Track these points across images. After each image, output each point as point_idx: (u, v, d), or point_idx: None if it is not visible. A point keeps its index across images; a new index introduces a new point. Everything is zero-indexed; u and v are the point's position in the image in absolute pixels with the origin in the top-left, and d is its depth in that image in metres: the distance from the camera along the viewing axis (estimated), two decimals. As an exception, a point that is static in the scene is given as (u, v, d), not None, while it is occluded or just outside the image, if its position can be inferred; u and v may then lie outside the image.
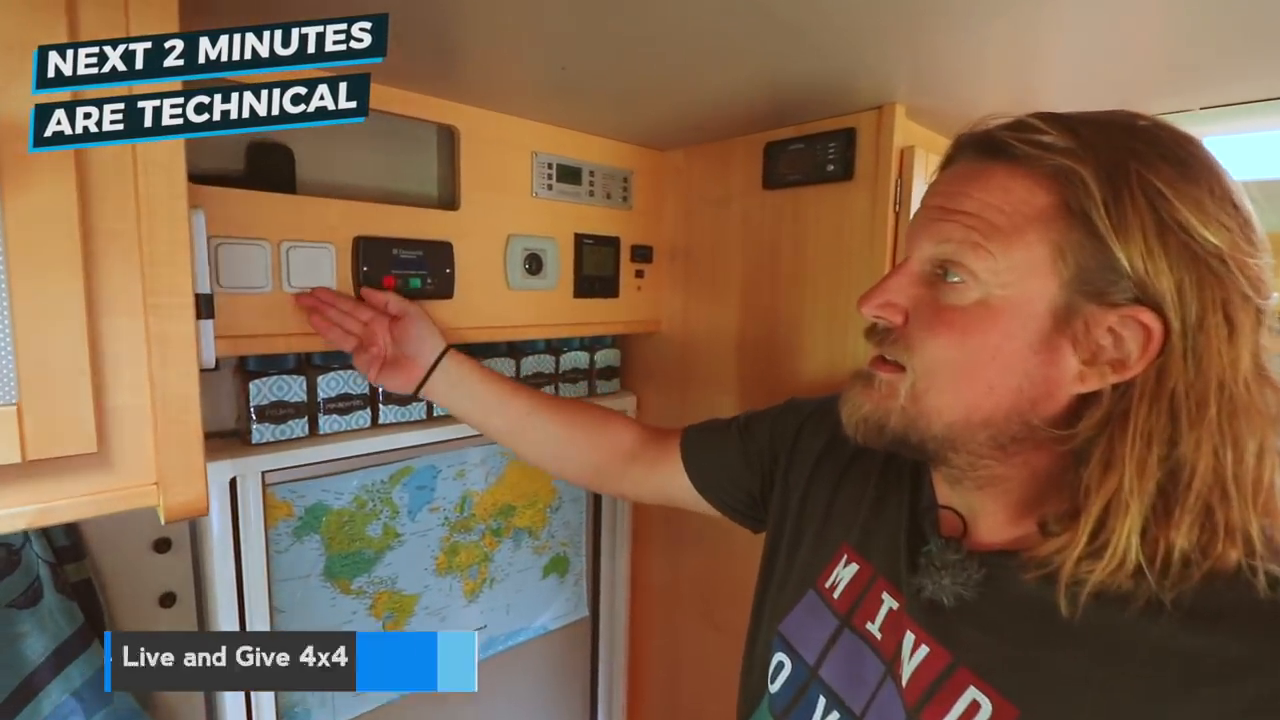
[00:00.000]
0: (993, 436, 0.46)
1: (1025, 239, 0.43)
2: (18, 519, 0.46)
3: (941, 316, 0.46)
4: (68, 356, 0.46)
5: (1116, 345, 0.42)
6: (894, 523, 0.56)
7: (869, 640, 0.53)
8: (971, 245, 0.44)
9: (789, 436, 0.70)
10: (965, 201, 0.45)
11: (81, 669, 0.70)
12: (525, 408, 0.78)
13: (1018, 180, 0.44)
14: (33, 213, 0.44)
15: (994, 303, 0.44)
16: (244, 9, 0.59)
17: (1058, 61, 0.70)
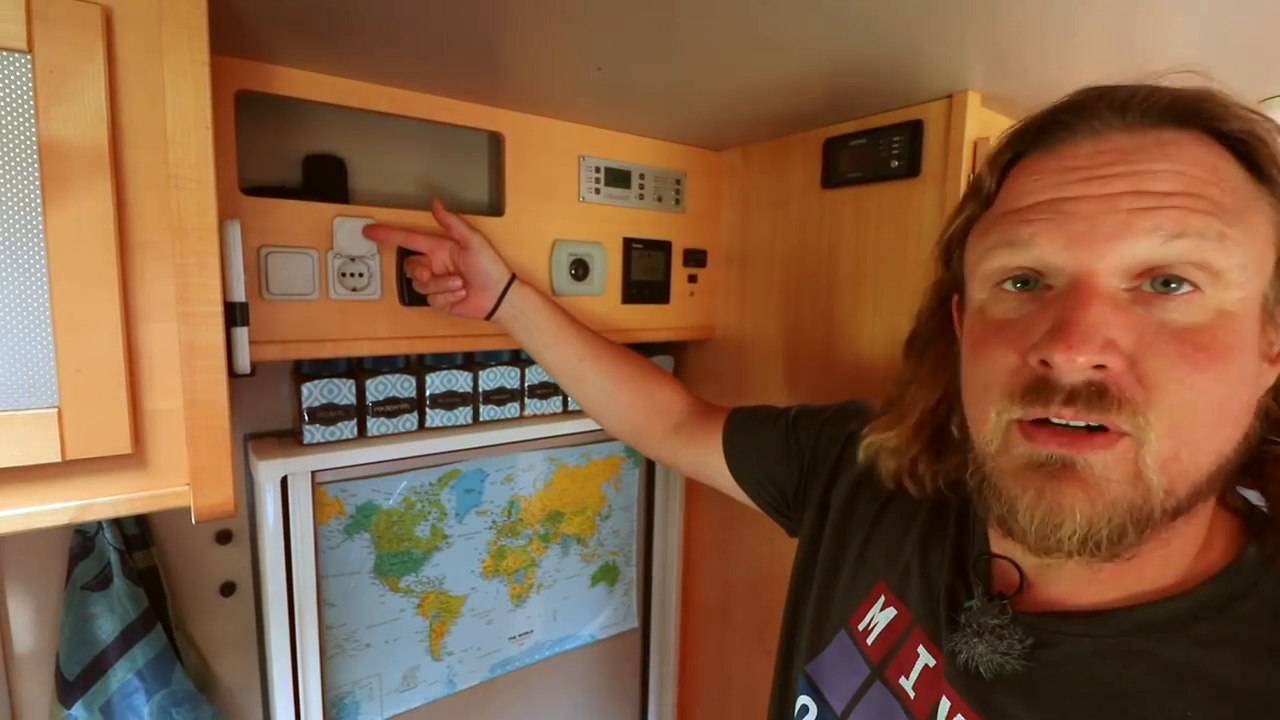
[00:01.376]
0: (1218, 481, 0.36)
1: (1254, 222, 0.33)
2: (60, 514, 0.49)
3: (1191, 341, 0.33)
4: (105, 362, 0.48)
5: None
6: (937, 566, 0.48)
7: (901, 698, 0.47)
8: (1217, 237, 0.32)
9: (837, 444, 0.62)
10: (1161, 179, 0.33)
11: (144, 651, 0.75)
12: (577, 352, 0.78)
13: (1213, 152, 0.34)
14: (73, 225, 0.46)
15: (1233, 310, 0.33)
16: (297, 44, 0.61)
17: (1177, 26, 0.60)
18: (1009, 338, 0.37)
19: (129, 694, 0.74)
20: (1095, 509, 0.34)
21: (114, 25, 0.47)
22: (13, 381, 0.46)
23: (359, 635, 0.93)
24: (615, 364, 0.79)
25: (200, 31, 0.50)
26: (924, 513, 0.52)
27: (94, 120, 0.47)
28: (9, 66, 0.44)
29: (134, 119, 0.49)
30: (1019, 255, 0.37)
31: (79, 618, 0.73)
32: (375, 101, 0.77)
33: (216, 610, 0.85)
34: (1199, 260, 0.32)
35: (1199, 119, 0.35)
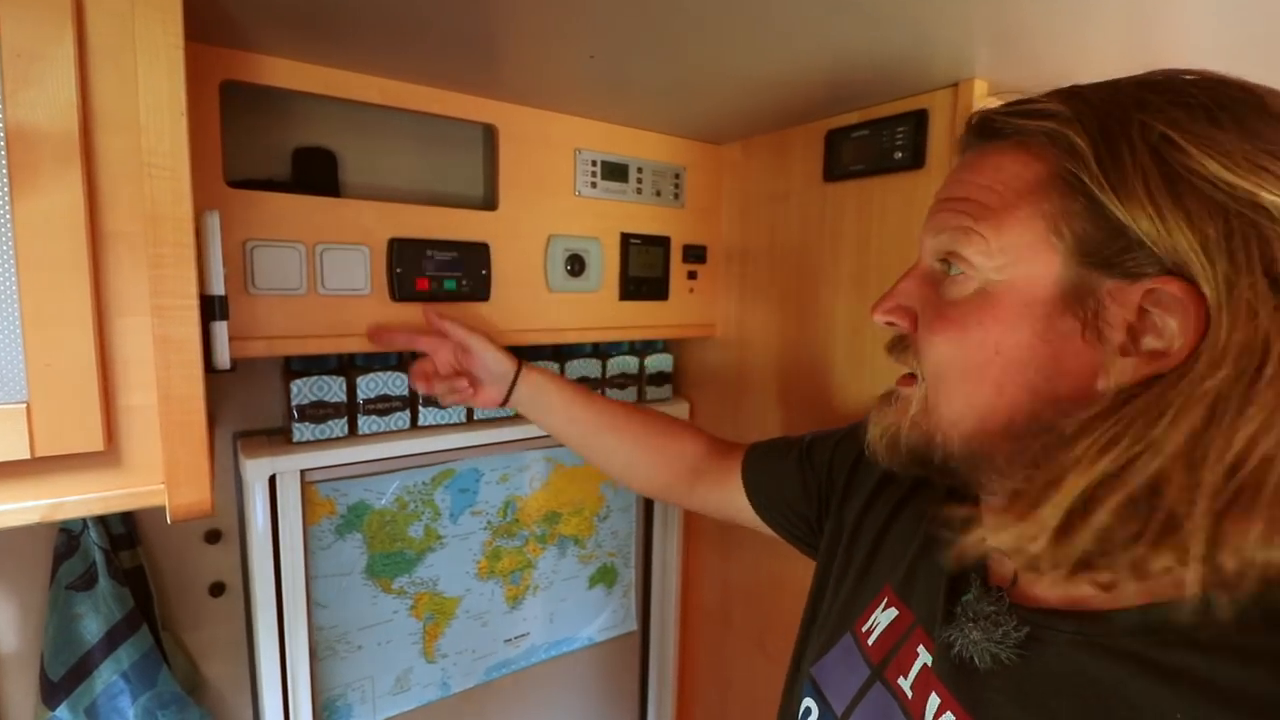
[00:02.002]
0: (1018, 449, 0.38)
1: (1017, 215, 0.38)
2: (30, 513, 0.48)
3: (941, 313, 0.42)
4: (75, 356, 0.47)
5: (1152, 327, 0.34)
6: (936, 569, 0.48)
7: (900, 698, 0.46)
8: (963, 230, 0.40)
9: (848, 463, 0.64)
10: (961, 188, 0.42)
11: (130, 652, 0.74)
12: (595, 425, 0.79)
13: (1009, 157, 0.40)
14: (41, 215, 0.45)
15: (993, 290, 0.39)
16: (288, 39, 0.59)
17: (1193, 11, 0.57)
18: None
19: (114, 696, 0.73)
20: (882, 426, 0.47)
21: (84, 7, 0.46)
22: (-22, 376, 0.44)
23: (351, 637, 0.92)
24: (633, 428, 0.80)
25: (174, 13, 0.48)
26: (931, 513, 0.52)
27: (63, 106, 0.45)
28: (-27, 49, 0.42)
29: (105, 105, 0.47)
30: None
31: (63, 618, 0.72)
32: (365, 93, 0.75)
33: (206, 611, 0.84)
34: (952, 250, 0.41)
35: (1002, 131, 0.41)
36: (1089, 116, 0.36)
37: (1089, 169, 0.35)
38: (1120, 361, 0.35)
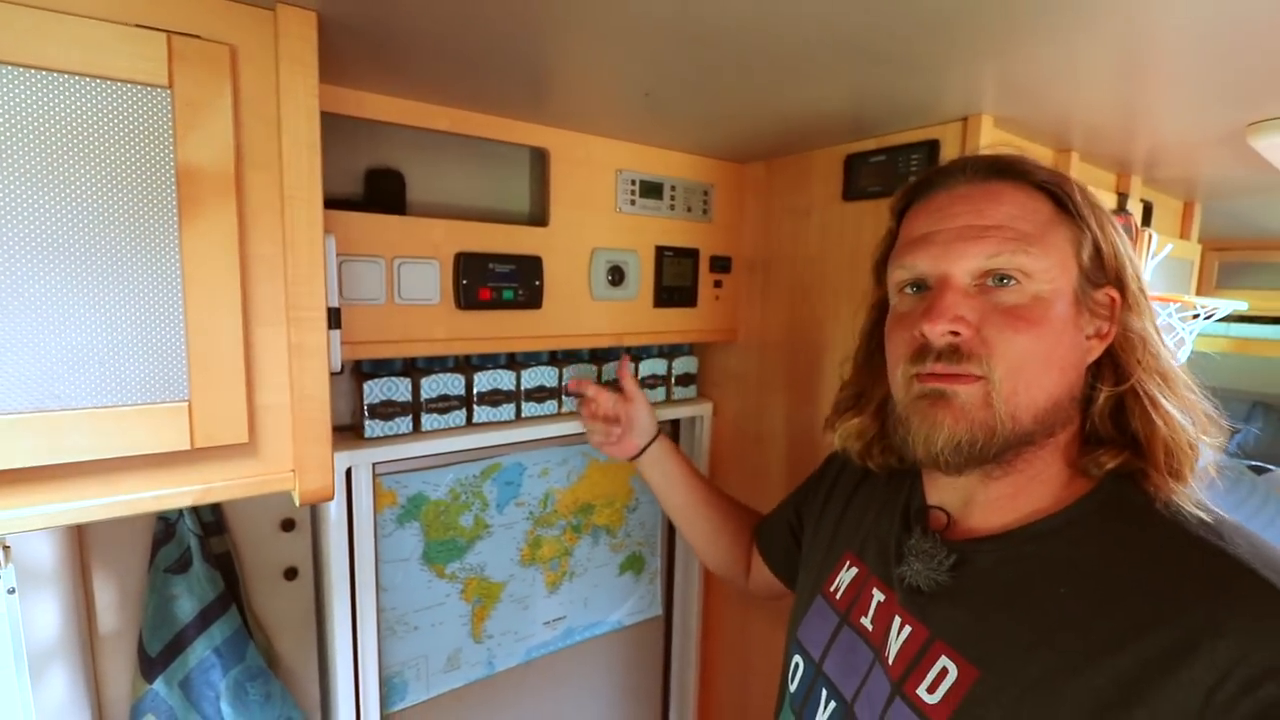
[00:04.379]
0: (1057, 421, 0.51)
1: (1052, 240, 0.51)
2: (185, 496, 0.55)
3: (1015, 315, 0.50)
4: (228, 360, 0.55)
5: (1101, 317, 0.53)
6: (888, 528, 0.62)
7: (862, 633, 0.59)
8: (1022, 249, 0.50)
9: (822, 495, 0.76)
10: (988, 217, 0.52)
11: (222, 629, 0.81)
12: (694, 498, 0.93)
13: (1024, 194, 0.52)
14: (204, 240, 0.53)
15: (1044, 296, 0.50)
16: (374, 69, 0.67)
17: (1167, 63, 0.66)
18: (906, 322, 0.55)
19: (207, 669, 0.80)
20: (959, 425, 0.50)
21: (238, 63, 0.53)
22: (151, 378, 0.52)
23: (408, 618, 0.99)
24: (724, 511, 0.93)
25: (312, 68, 0.56)
26: (880, 495, 0.66)
27: (223, 147, 0.53)
28: (153, 101, 0.50)
29: (253, 145, 0.55)
30: (908, 271, 0.55)
31: (161, 598, 0.79)
32: (436, 121, 0.83)
33: (280, 593, 0.91)
34: (1013, 267, 0.50)
35: (1014, 173, 0.53)
36: (1065, 178, 0.53)
37: (1085, 211, 0.52)
38: (1093, 344, 0.52)
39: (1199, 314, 1.15)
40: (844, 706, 0.58)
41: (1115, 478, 0.51)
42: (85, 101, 0.48)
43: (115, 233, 0.49)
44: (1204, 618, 0.41)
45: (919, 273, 0.54)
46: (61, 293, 0.48)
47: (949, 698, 0.49)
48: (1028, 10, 0.54)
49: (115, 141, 0.49)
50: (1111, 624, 0.44)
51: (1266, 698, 0.37)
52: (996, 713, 0.46)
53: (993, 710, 0.46)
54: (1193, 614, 0.41)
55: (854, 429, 0.66)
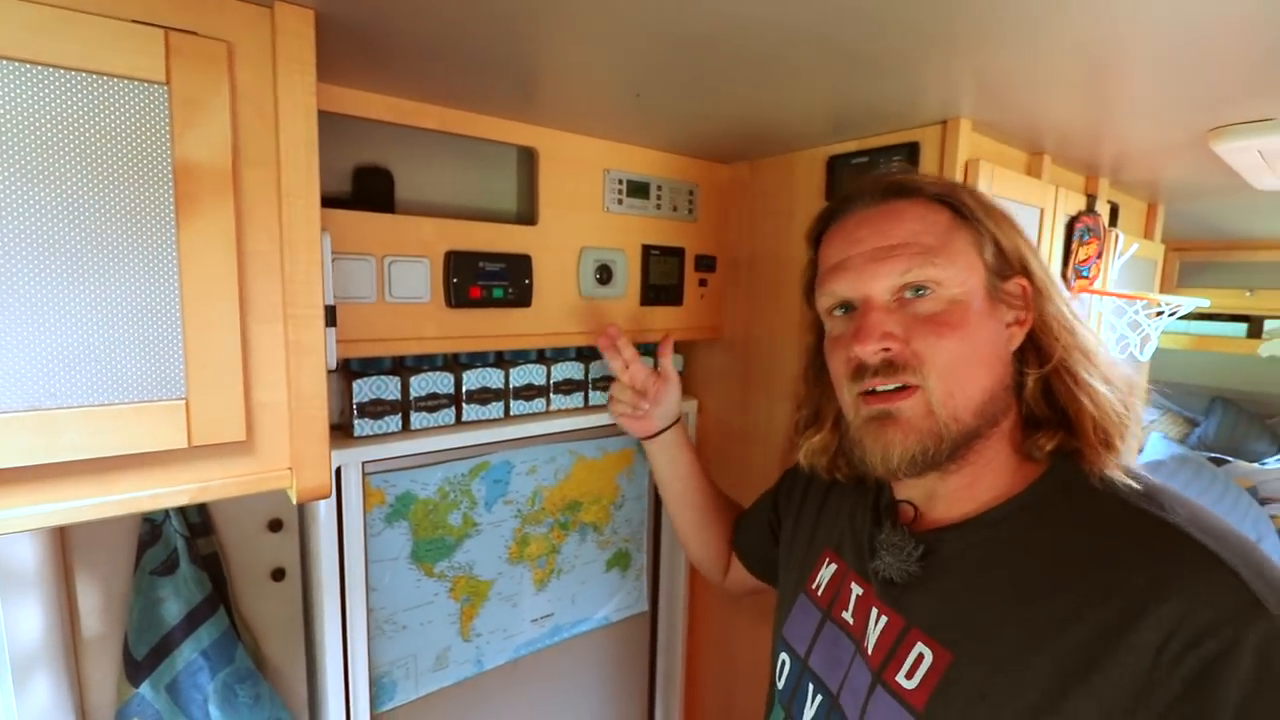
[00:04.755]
0: (995, 412, 0.55)
1: (955, 246, 0.56)
2: (182, 495, 0.55)
3: (936, 322, 0.54)
4: (226, 358, 0.55)
5: (1016, 306, 0.57)
6: (860, 523, 0.64)
7: (844, 627, 0.61)
8: (928, 261, 0.54)
9: (798, 493, 0.80)
10: (891, 236, 0.56)
11: (210, 631, 0.80)
12: (692, 490, 0.95)
13: (921, 208, 0.57)
14: (201, 238, 0.53)
15: (959, 298, 0.55)
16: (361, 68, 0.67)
17: (1132, 72, 0.70)
18: (841, 344, 0.58)
19: (194, 672, 0.79)
20: (909, 439, 0.54)
21: (235, 60, 0.53)
22: (148, 376, 0.52)
23: (397, 618, 0.99)
24: (717, 507, 0.96)
25: (310, 66, 0.56)
26: (852, 492, 0.69)
27: (220, 144, 0.53)
28: (150, 97, 0.50)
29: (251, 142, 0.55)
30: (832, 297, 0.60)
31: (147, 601, 0.78)
32: (425, 119, 0.83)
33: (267, 594, 0.90)
34: (926, 277, 0.54)
35: (909, 191, 0.58)
36: (956, 187, 0.58)
37: (980, 214, 0.57)
38: (1014, 331, 0.57)
39: (1163, 311, 1.20)
40: (829, 700, 0.60)
41: (1061, 458, 0.55)
42: (82, 97, 0.47)
43: (112, 229, 0.49)
44: (1148, 584, 0.44)
45: (842, 297, 0.59)
46: (58, 290, 0.48)
47: (926, 681, 0.51)
48: (1000, 20, 0.57)
49: (112, 138, 0.49)
50: (1067, 598, 0.47)
51: (1207, 654, 0.40)
52: (970, 692, 0.49)
53: (967, 689, 0.49)
54: (1138, 581, 0.45)
55: (817, 445, 0.70)
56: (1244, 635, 0.40)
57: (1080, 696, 0.44)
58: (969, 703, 0.49)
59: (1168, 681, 0.41)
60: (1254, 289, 2.09)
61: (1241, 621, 0.40)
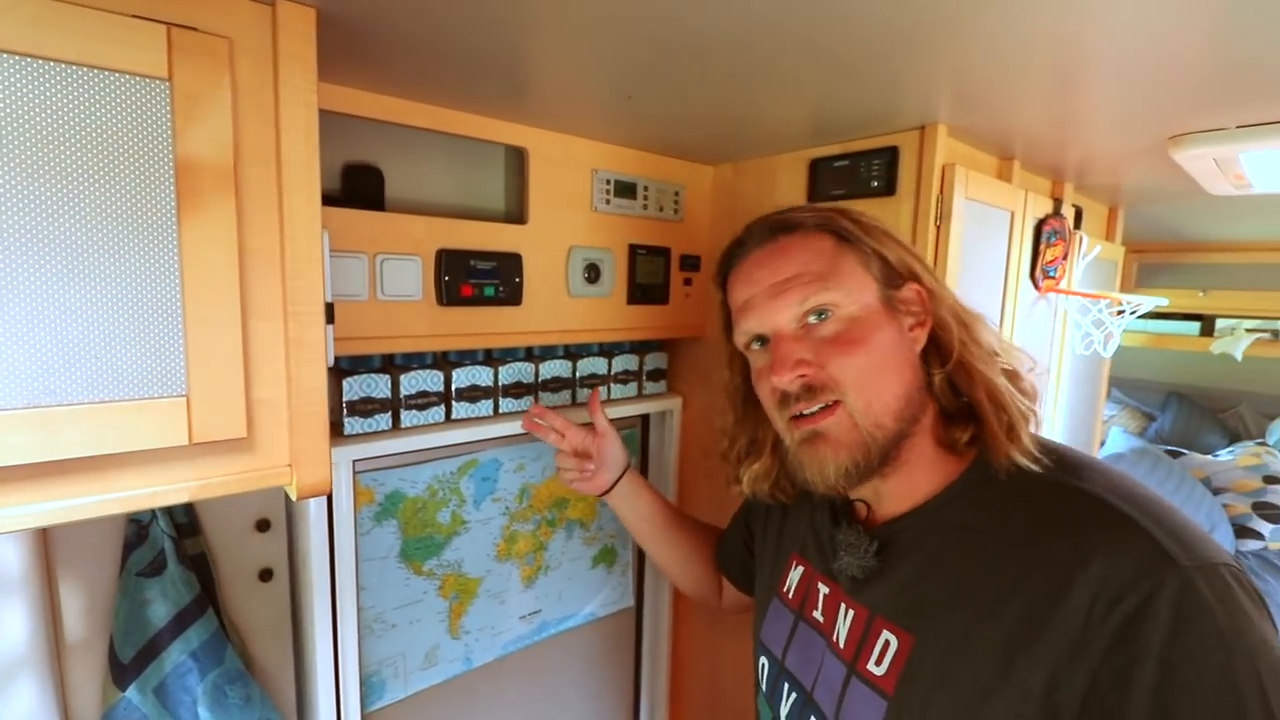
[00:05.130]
0: (913, 412, 0.59)
1: (843, 269, 0.60)
2: (181, 492, 0.55)
3: (841, 341, 0.58)
4: (227, 355, 0.55)
5: (914, 311, 0.61)
6: (821, 525, 0.69)
7: (815, 625, 0.65)
8: (821, 288, 0.58)
9: (762, 507, 0.81)
10: (784, 271, 0.60)
11: (199, 632, 0.79)
12: (663, 526, 0.96)
13: (806, 240, 0.61)
14: (203, 234, 0.53)
15: (857, 315, 0.59)
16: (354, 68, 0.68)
17: (1096, 81, 0.74)
18: (764, 375, 0.62)
19: (183, 674, 0.78)
20: (841, 454, 0.57)
21: (236, 57, 0.53)
22: (149, 373, 0.51)
23: (386, 616, 0.99)
24: (693, 538, 0.97)
25: (310, 64, 0.56)
26: (812, 500, 0.72)
27: (222, 141, 0.53)
28: (152, 93, 0.50)
29: (252, 139, 0.55)
30: (746, 334, 0.64)
31: (134, 603, 0.77)
32: (416, 118, 0.84)
33: (255, 594, 0.89)
34: (819, 305, 0.58)
35: (791, 226, 0.62)
36: (834, 214, 0.63)
37: (860, 235, 0.61)
38: (917, 334, 0.61)
39: (1124, 310, 1.26)
40: (804, 696, 0.63)
41: (982, 446, 0.59)
42: (84, 92, 0.47)
43: (113, 225, 0.49)
44: (1073, 551, 0.48)
45: (754, 333, 0.63)
46: (58, 286, 0.47)
47: (894, 666, 0.55)
48: (975, 32, 0.60)
49: (114, 133, 0.48)
50: (1004, 574, 0.51)
51: (1128, 608, 0.44)
52: (933, 671, 0.52)
53: (930, 670, 0.52)
54: (1064, 550, 0.48)
55: (759, 472, 0.73)
56: (1159, 588, 0.44)
57: (1027, 664, 0.47)
58: (934, 683, 0.52)
59: (1098, 637, 0.45)
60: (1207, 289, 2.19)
61: (1156, 576, 0.44)
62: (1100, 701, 0.44)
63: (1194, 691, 0.42)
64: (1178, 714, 0.42)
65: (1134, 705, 0.43)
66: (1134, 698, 0.43)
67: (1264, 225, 1.86)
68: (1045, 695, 0.46)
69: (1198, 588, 0.44)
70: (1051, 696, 0.46)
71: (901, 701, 0.53)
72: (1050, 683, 0.46)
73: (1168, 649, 0.42)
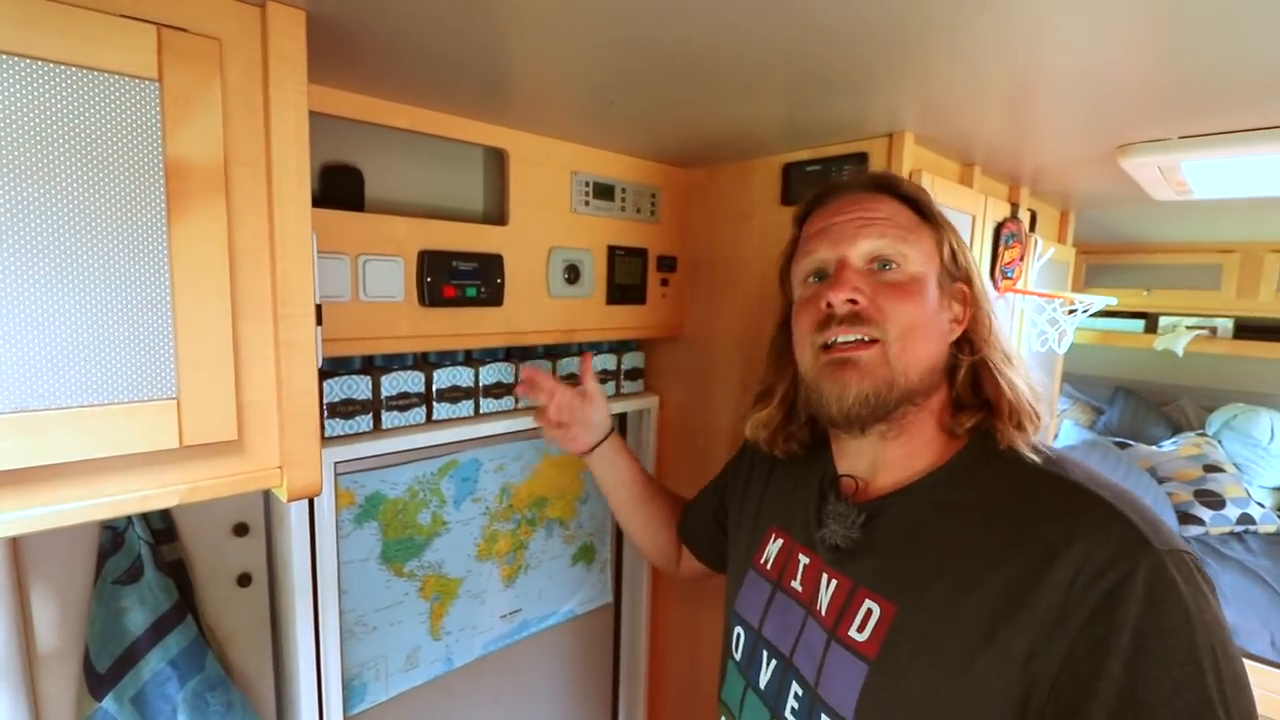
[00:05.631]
0: (932, 383, 0.63)
1: (921, 235, 0.64)
2: (171, 495, 0.54)
3: (900, 289, 0.61)
4: (217, 357, 0.54)
5: (958, 306, 0.65)
6: (806, 499, 0.71)
7: (793, 595, 0.67)
8: (901, 239, 0.62)
9: (741, 480, 0.84)
10: (872, 214, 0.64)
11: (178, 640, 0.78)
12: (640, 494, 0.99)
13: (895, 203, 0.65)
14: (193, 236, 0.52)
15: (919, 277, 0.62)
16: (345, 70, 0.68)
17: (1050, 95, 0.78)
18: (812, 301, 0.64)
19: (162, 683, 0.77)
20: (865, 382, 0.60)
21: (226, 58, 0.53)
22: (139, 375, 0.51)
23: (367, 619, 0.98)
24: (664, 507, 1.00)
25: (300, 66, 0.57)
26: (797, 472, 0.75)
27: (212, 142, 0.53)
28: (141, 94, 0.49)
29: (242, 141, 0.55)
30: (812, 261, 0.66)
31: (109, 611, 0.75)
32: (397, 119, 0.84)
33: (233, 600, 0.88)
34: (895, 252, 0.62)
35: (886, 187, 0.67)
36: (928, 196, 0.67)
37: (941, 220, 0.66)
38: (954, 327, 0.64)
39: (1077, 309, 1.33)
40: (783, 662, 0.66)
41: (979, 435, 0.62)
42: (73, 93, 0.47)
43: (103, 227, 0.48)
44: (1058, 532, 0.51)
45: (821, 259, 0.65)
46: (47, 288, 0.47)
47: (876, 632, 0.58)
48: (939, 45, 0.63)
49: (103, 134, 0.48)
50: (991, 548, 0.54)
51: (1107, 584, 0.48)
52: (915, 637, 0.55)
53: (912, 636, 0.55)
54: (1049, 531, 0.52)
55: (762, 419, 0.76)
56: (1136, 567, 0.48)
57: (1009, 632, 0.50)
58: (915, 647, 0.55)
59: (1078, 611, 0.48)
60: (1150, 288, 2.31)
61: (1134, 556, 0.48)
62: (1075, 668, 0.48)
63: (1161, 661, 0.46)
64: (1145, 680, 0.46)
65: (1108, 672, 0.46)
66: (1108, 665, 0.46)
67: (1200, 228, 1.98)
68: (1025, 662, 0.49)
69: (1168, 569, 0.48)
70: (1030, 663, 0.49)
71: (884, 666, 0.56)
72: (1030, 650, 0.49)
73: (1141, 622, 0.46)
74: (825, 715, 0.59)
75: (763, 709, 0.67)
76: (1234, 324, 2.37)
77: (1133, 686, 0.46)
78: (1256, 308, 2.17)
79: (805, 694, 0.62)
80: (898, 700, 0.55)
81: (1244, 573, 1.93)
